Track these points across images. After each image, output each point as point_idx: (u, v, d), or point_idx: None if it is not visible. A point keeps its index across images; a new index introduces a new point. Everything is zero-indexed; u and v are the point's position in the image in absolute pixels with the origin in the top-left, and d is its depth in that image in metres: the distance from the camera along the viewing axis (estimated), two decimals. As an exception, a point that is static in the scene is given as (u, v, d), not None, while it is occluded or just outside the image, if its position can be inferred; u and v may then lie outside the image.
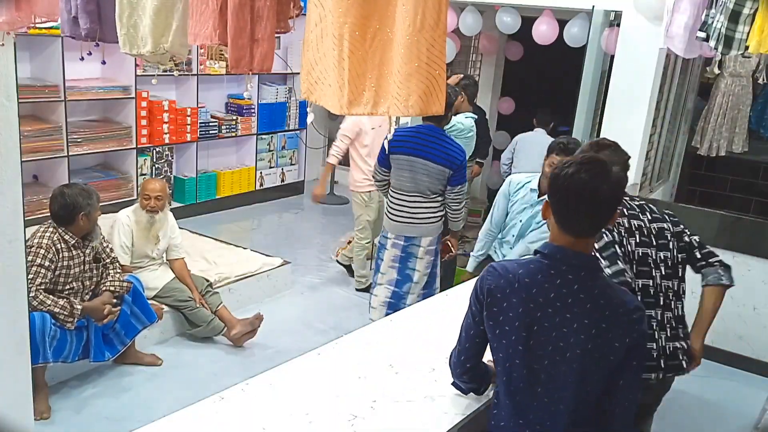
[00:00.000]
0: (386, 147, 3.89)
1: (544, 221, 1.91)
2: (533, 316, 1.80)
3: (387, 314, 3.97)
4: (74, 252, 3.48)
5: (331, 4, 1.76)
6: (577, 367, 1.80)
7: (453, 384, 2.10)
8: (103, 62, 4.74)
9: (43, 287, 3.34)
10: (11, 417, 2.85)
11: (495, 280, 1.84)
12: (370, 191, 5.18)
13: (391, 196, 4.03)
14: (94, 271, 3.63)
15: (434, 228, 4.02)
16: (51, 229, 3.43)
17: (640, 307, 1.86)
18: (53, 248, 3.38)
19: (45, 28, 2.41)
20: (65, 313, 3.36)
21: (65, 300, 3.40)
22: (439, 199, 3.99)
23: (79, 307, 3.42)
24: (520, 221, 3.71)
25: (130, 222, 4.15)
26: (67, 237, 3.45)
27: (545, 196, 1.93)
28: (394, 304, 4.07)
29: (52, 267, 3.38)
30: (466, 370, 1.98)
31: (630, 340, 1.80)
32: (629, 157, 2.54)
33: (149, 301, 3.99)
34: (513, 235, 3.74)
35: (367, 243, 5.35)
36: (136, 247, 4.17)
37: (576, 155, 1.85)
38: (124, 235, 4.12)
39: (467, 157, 4.10)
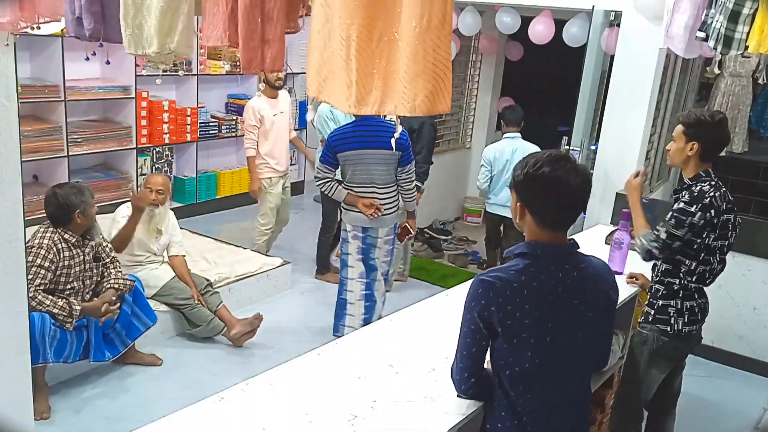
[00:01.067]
0: (331, 145, 4.01)
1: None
2: (549, 316, 1.84)
3: (365, 307, 4.19)
4: (75, 251, 3.48)
5: (338, 5, 1.76)
6: (584, 348, 1.91)
7: (460, 396, 2.07)
8: (107, 62, 4.74)
9: (42, 288, 3.34)
10: (11, 417, 2.85)
11: (501, 294, 1.82)
12: (270, 177, 5.29)
13: (351, 189, 4.08)
14: (94, 270, 3.63)
15: (390, 219, 4.14)
16: (51, 229, 3.44)
17: (609, 268, 2.03)
18: (54, 248, 3.38)
19: (47, 32, 2.40)
20: (64, 313, 3.36)
21: (64, 300, 3.40)
22: (393, 188, 4.12)
23: (78, 307, 3.42)
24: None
25: (129, 215, 4.14)
26: (67, 236, 3.45)
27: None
28: (370, 296, 4.19)
29: (53, 267, 3.38)
30: (472, 385, 1.97)
31: (614, 299, 1.98)
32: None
33: (149, 301, 4.00)
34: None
35: (267, 230, 5.43)
36: (137, 239, 4.16)
37: (539, 155, 1.86)
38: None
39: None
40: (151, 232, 4.22)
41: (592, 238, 3.85)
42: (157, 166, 6.46)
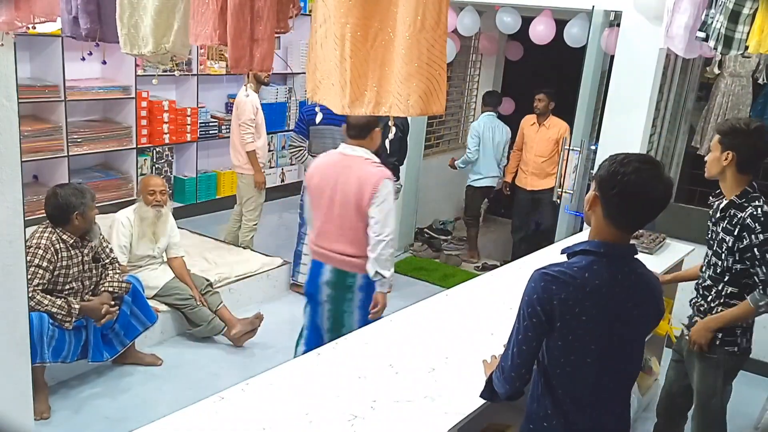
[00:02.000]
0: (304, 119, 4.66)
1: None
2: (606, 316, 1.84)
3: None
4: (73, 252, 3.48)
5: (333, 4, 1.76)
6: (632, 351, 1.94)
7: (484, 396, 2.06)
8: (104, 62, 4.75)
9: (40, 288, 3.34)
10: (11, 417, 2.85)
11: (563, 289, 1.81)
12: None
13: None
14: (93, 271, 3.62)
15: None
16: (50, 230, 3.43)
17: (658, 278, 2.07)
18: (51, 248, 3.38)
19: (45, 30, 2.40)
20: (63, 312, 3.36)
21: (63, 300, 3.40)
22: None
23: (77, 306, 3.42)
24: None
25: (131, 222, 4.14)
26: (65, 237, 3.45)
27: None
28: None
29: (51, 267, 3.38)
30: (525, 381, 1.93)
31: (662, 309, 1.99)
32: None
33: (149, 301, 4.00)
34: None
35: (255, 225, 5.49)
36: (136, 246, 4.17)
37: (631, 155, 1.86)
38: (124, 236, 4.12)
39: None
40: (153, 237, 4.22)
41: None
42: (157, 166, 6.46)
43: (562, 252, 1.97)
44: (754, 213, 2.60)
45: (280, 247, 6.03)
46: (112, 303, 3.61)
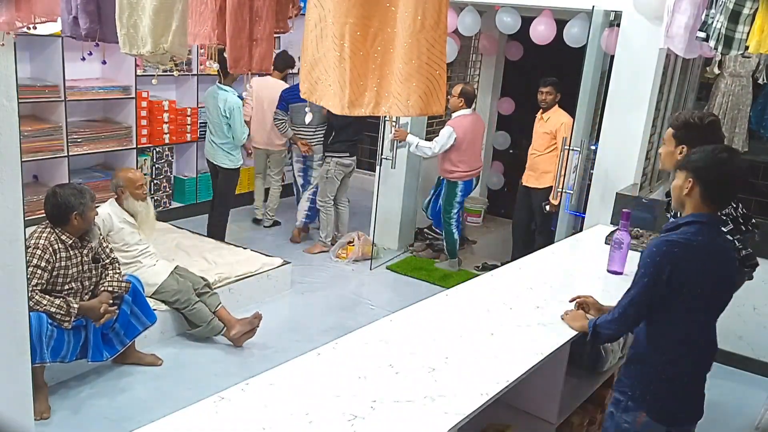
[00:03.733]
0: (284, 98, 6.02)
1: None
2: (713, 270, 2.29)
3: (309, 209, 6.36)
4: (72, 252, 3.48)
5: (331, 5, 1.75)
6: (721, 308, 2.41)
7: (590, 340, 2.52)
8: (104, 62, 4.75)
9: (39, 288, 3.33)
10: (11, 417, 2.85)
11: (682, 250, 2.25)
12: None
13: (294, 130, 6.20)
14: (93, 272, 3.62)
15: (319, 148, 6.18)
16: (48, 230, 3.43)
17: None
18: (50, 249, 3.38)
19: (45, 31, 2.40)
20: (62, 312, 3.36)
21: (62, 299, 3.39)
22: (321, 130, 6.14)
23: (75, 306, 3.41)
24: None
25: (115, 219, 4.13)
26: (64, 237, 3.45)
27: None
28: (313, 201, 6.31)
29: (49, 268, 3.38)
30: (632, 328, 2.41)
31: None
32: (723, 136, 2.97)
33: (148, 300, 4.01)
34: None
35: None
36: (124, 236, 4.16)
37: (716, 146, 2.33)
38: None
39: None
40: (151, 224, 4.28)
41: (592, 238, 3.85)
42: (157, 166, 6.46)
43: (665, 228, 2.39)
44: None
45: (280, 247, 6.04)
46: (111, 302, 3.61)
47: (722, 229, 2.39)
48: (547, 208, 5.30)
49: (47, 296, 3.35)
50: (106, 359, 3.73)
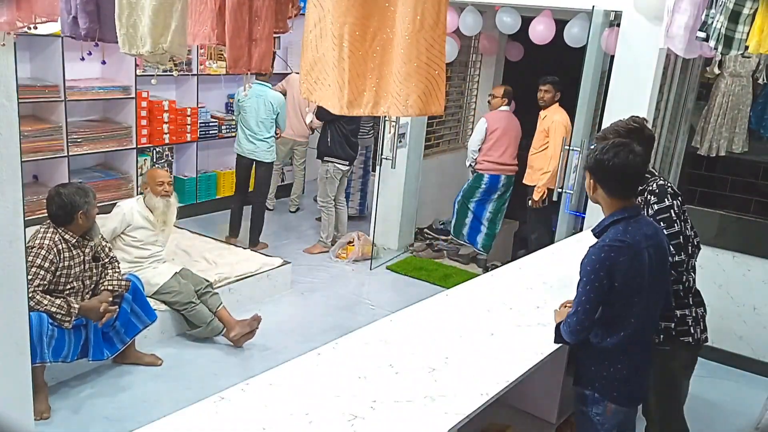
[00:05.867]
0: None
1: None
2: (650, 260, 2.39)
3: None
4: (75, 251, 3.48)
5: (330, 5, 1.75)
6: (660, 292, 2.51)
7: (557, 341, 2.53)
8: (103, 62, 4.76)
9: (40, 288, 3.34)
10: (11, 417, 2.85)
11: (619, 253, 2.34)
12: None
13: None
14: (94, 270, 3.63)
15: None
16: (51, 230, 3.43)
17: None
18: (54, 249, 3.38)
19: (45, 31, 2.39)
20: (62, 312, 3.36)
21: (62, 299, 3.40)
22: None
23: (76, 306, 3.41)
24: None
25: (133, 214, 4.17)
26: (67, 236, 3.45)
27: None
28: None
29: (52, 268, 3.38)
30: (588, 332, 2.44)
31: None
32: (651, 132, 2.93)
33: (150, 299, 4.01)
34: None
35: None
36: (143, 234, 4.20)
37: (603, 140, 2.48)
38: (119, 224, 4.14)
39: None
40: (167, 224, 4.30)
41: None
42: (157, 166, 6.46)
43: (594, 232, 2.48)
44: (650, 188, 2.78)
45: (279, 247, 6.04)
46: (111, 301, 3.61)
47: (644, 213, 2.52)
48: (530, 202, 5.55)
49: (48, 296, 3.36)
50: (107, 358, 3.73)
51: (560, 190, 4.99)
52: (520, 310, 2.87)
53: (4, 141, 2.60)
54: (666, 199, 2.72)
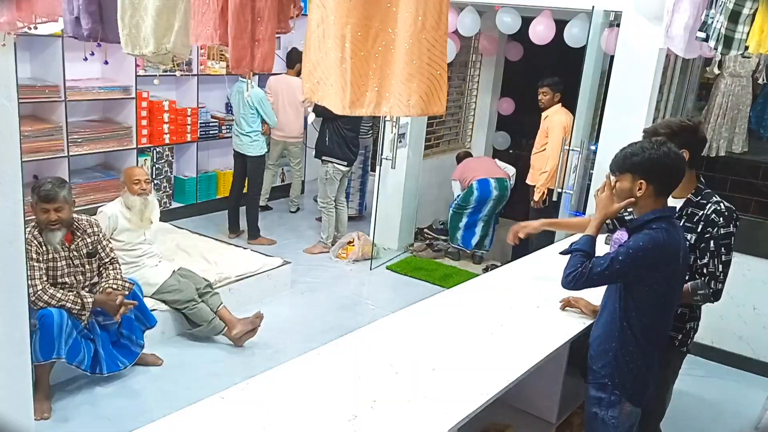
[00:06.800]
0: None
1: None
2: (682, 261, 2.43)
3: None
4: (49, 247, 3.50)
5: (333, 5, 1.76)
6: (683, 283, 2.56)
7: (564, 252, 2.60)
8: (106, 62, 4.75)
9: (44, 279, 3.36)
10: (11, 417, 2.85)
11: (662, 248, 2.34)
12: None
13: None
14: (87, 266, 3.63)
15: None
16: (33, 224, 3.45)
17: None
18: (35, 242, 3.42)
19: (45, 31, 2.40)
20: (77, 307, 3.39)
21: (74, 294, 3.42)
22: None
23: (90, 300, 3.43)
24: None
25: (116, 216, 4.14)
26: (35, 233, 3.48)
27: None
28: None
29: (41, 259, 3.42)
30: (585, 288, 2.49)
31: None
32: (704, 134, 2.89)
33: (149, 299, 4.01)
34: None
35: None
36: (129, 236, 4.17)
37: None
38: (105, 228, 4.11)
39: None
40: (145, 221, 4.24)
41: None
42: (157, 166, 6.46)
43: (634, 225, 2.43)
44: (717, 208, 2.65)
45: (279, 248, 6.04)
46: (126, 294, 3.63)
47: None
48: (532, 203, 5.55)
49: (61, 290, 3.38)
50: (124, 367, 3.75)
51: (560, 190, 4.99)
52: (520, 310, 2.87)
53: (4, 141, 2.60)
54: (732, 225, 2.64)
